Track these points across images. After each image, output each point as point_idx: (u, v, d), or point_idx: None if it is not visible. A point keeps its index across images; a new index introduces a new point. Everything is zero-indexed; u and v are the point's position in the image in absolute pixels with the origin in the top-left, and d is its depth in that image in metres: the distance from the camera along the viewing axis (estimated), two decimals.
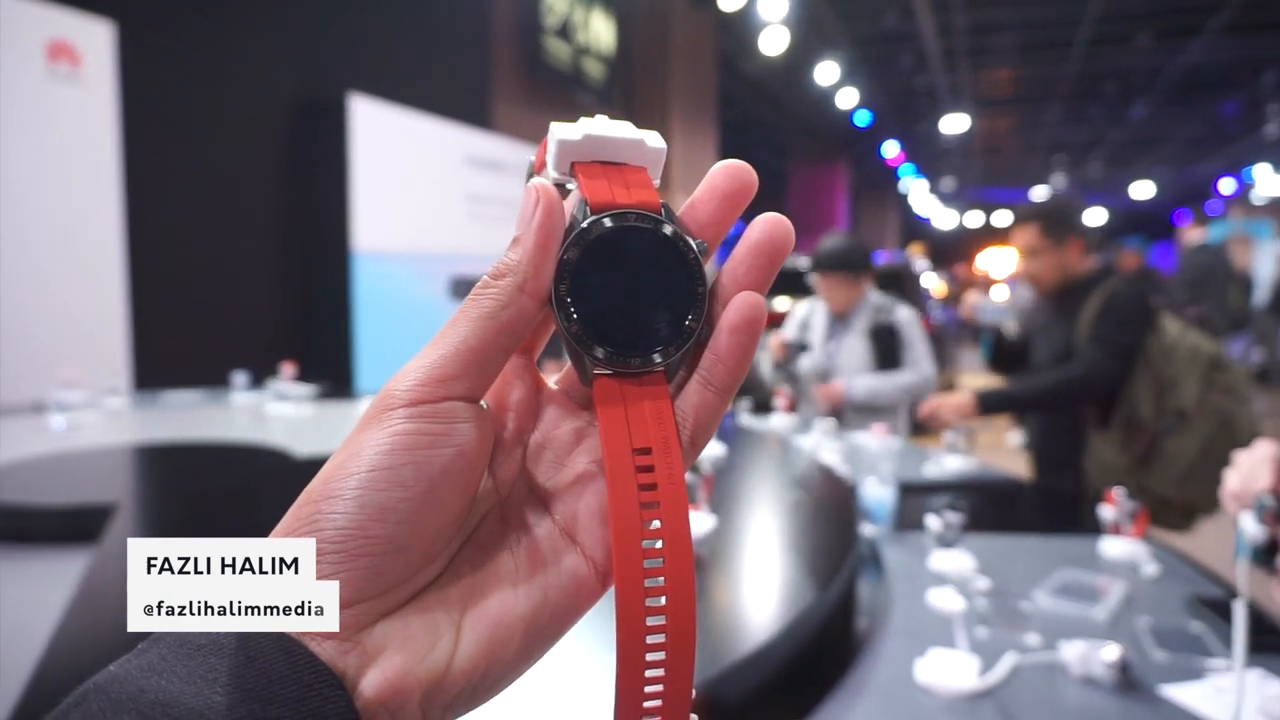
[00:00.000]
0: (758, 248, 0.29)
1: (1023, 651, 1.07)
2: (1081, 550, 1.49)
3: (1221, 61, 9.10)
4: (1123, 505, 1.48)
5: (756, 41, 7.48)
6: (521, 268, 0.28)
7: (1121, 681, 0.99)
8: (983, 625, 1.16)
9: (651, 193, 0.29)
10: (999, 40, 8.69)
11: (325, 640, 0.25)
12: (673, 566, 0.26)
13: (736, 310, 0.28)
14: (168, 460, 2.07)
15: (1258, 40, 8.36)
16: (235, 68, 4.15)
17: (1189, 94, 10.64)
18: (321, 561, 0.25)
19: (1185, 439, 2.02)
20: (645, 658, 0.26)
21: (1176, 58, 8.93)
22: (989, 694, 0.98)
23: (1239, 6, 7.17)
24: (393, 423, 0.26)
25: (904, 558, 1.45)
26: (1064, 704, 0.97)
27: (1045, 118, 12.37)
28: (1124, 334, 2.11)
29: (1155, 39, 8.30)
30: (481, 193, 5.48)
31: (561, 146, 0.29)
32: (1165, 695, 0.98)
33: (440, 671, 0.26)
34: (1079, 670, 1.02)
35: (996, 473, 2.19)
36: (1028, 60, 9.53)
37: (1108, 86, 10.35)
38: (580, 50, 6.67)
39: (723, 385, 0.29)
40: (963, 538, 1.42)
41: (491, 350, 0.27)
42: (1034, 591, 1.28)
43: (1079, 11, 7.49)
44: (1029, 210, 2.33)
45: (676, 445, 0.27)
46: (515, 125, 6.18)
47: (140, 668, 0.23)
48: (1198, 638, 1.13)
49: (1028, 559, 1.44)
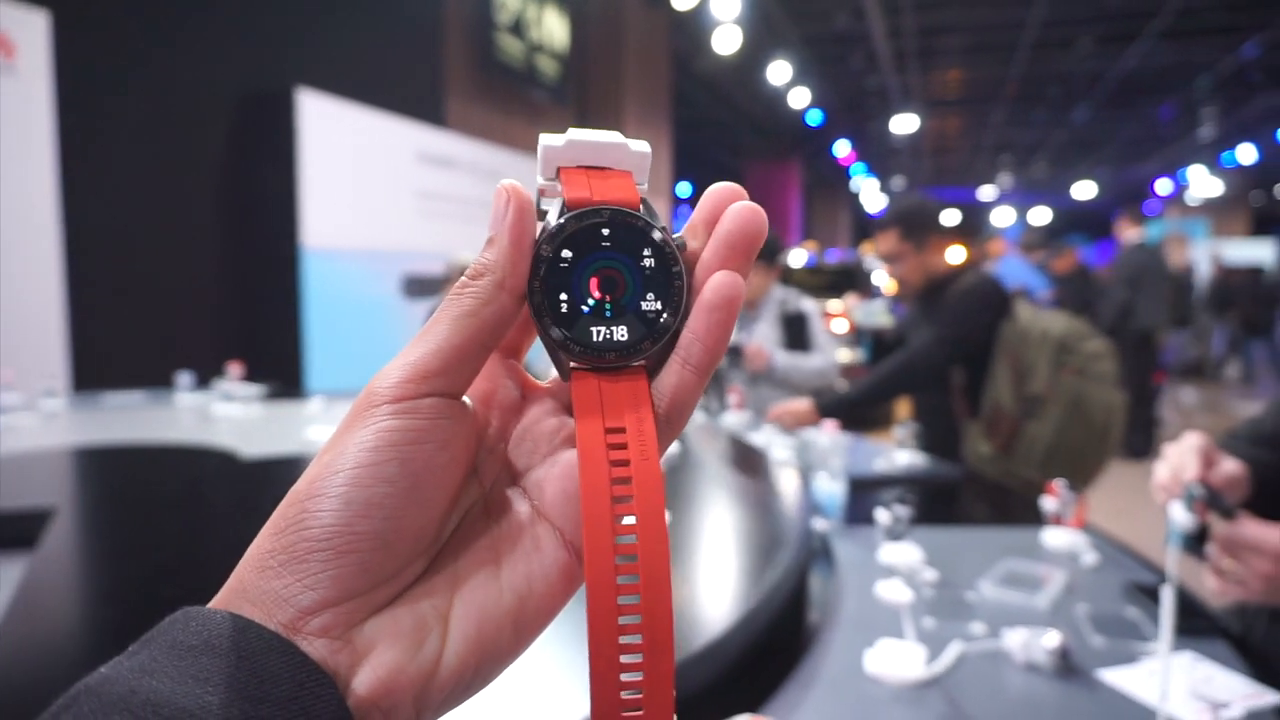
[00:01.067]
0: (730, 239, 0.29)
1: (968, 640, 1.10)
2: (1024, 541, 1.53)
3: (1158, 66, 9.38)
4: (1063, 497, 1.52)
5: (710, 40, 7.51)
6: (498, 265, 0.28)
7: (1061, 667, 1.03)
8: (930, 615, 1.18)
9: (629, 192, 0.30)
10: (947, 42, 8.85)
11: (317, 639, 0.25)
12: (646, 545, 0.26)
13: (713, 289, 0.28)
14: (108, 463, 2.02)
15: (1192, 46, 8.64)
16: (177, 59, 4.04)
17: (1127, 97, 10.95)
18: (309, 560, 0.25)
19: (1042, 423, 2.09)
20: (619, 640, 0.26)
21: (1116, 62, 9.18)
22: (935, 682, 1.00)
23: (1174, 13, 7.40)
24: (376, 420, 0.26)
25: (854, 551, 1.47)
26: (1007, 690, 1.00)
27: (992, 119, 12.63)
28: (956, 322, 2.18)
29: (1096, 44, 8.52)
30: (433, 189, 5.43)
31: (546, 153, 0.30)
32: (1102, 679, 1.01)
33: (431, 667, 0.26)
34: (1021, 657, 1.05)
35: (944, 466, 2.24)
36: (975, 62, 9.72)
37: (1051, 89, 10.61)
38: (533, 47, 6.63)
39: (700, 364, 0.29)
40: (911, 530, 1.45)
41: (472, 347, 0.28)
42: (979, 582, 1.31)
43: (1023, 16, 7.66)
44: (888, 215, 2.36)
45: (651, 426, 0.28)
46: (467, 122, 6.13)
47: (131, 669, 0.23)
48: (1133, 623, 1.17)
49: (973, 550, 1.48)
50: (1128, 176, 17.61)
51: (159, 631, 0.25)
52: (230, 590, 0.26)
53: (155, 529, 1.49)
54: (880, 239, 2.35)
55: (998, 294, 2.25)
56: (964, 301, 2.21)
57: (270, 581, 0.25)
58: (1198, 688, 0.94)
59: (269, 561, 0.26)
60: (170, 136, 4.02)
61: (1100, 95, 10.73)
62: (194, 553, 1.35)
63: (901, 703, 0.96)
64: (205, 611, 0.25)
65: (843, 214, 19.19)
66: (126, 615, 1.08)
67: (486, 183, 6.02)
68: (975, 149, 15.71)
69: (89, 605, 1.19)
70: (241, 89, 4.40)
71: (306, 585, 0.25)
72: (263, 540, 0.26)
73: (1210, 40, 8.45)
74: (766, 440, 2.28)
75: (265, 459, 2.02)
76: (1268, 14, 7.50)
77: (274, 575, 0.25)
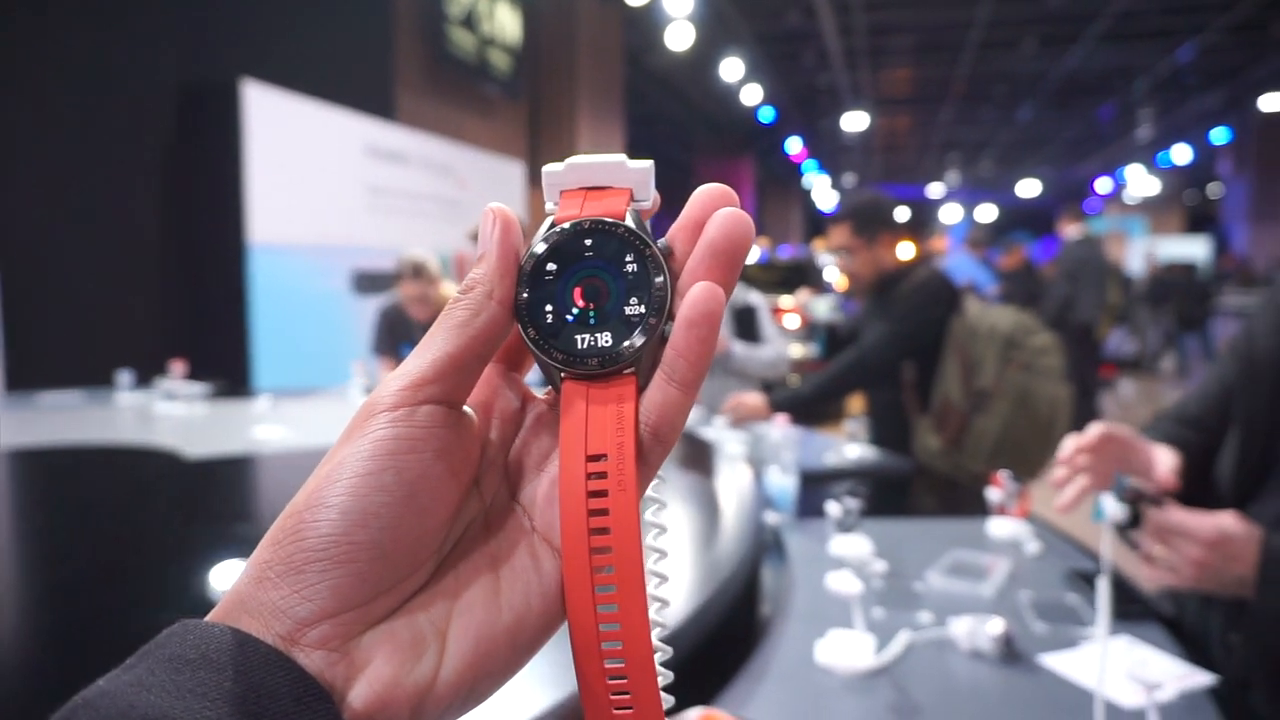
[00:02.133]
0: (716, 248, 0.29)
1: (916, 629, 1.12)
2: (971, 532, 1.57)
3: (1098, 68, 9.65)
4: (1008, 488, 1.56)
5: (662, 37, 7.52)
6: (487, 278, 0.29)
7: (1005, 653, 1.05)
8: (880, 606, 1.20)
9: (617, 205, 0.30)
10: (897, 41, 8.99)
11: (315, 651, 0.25)
12: (622, 572, 0.27)
13: (691, 304, 0.28)
14: (45, 465, 1.96)
15: (1130, 49, 8.90)
16: (114, 48, 3.92)
17: (1069, 98, 11.25)
18: (307, 570, 0.25)
19: (989, 417, 2.15)
20: (604, 663, 0.26)
21: (1058, 63, 9.42)
22: (884, 671, 1.02)
23: (1113, 17, 7.61)
24: (374, 430, 0.27)
25: (806, 544, 1.49)
26: (953, 676, 1.02)
27: (940, 117, 12.86)
28: (908, 318, 2.23)
29: (1039, 45, 8.73)
30: (384, 184, 5.36)
31: (549, 179, 0.31)
32: (1043, 664, 1.04)
33: (427, 683, 0.26)
34: (967, 644, 1.07)
35: (895, 459, 2.28)
36: (923, 61, 9.89)
37: (997, 89, 10.85)
38: (486, 41, 6.57)
39: (684, 380, 0.29)
40: (861, 523, 1.47)
41: (467, 356, 0.28)
42: (927, 572, 1.33)
43: (970, 16, 7.82)
44: (841, 210, 2.41)
45: (632, 452, 0.28)
46: (419, 116, 6.05)
47: (129, 683, 0.23)
48: (1073, 609, 1.20)
49: (922, 541, 1.51)
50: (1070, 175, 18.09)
51: (156, 644, 0.25)
52: (228, 602, 0.26)
53: (95, 532, 1.45)
54: (833, 233, 2.38)
55: (948, 289, 2.29)
56: (915, 297, 2.25)
57: (268, 593, 0.25)
58: (1133, 670, 0.97)
59: (267, 573, 0.25)
60: (109, 128, 3.91)
61: (1043, 95, 11.00)
62: (136, 556, 1.31)
63: (851, 692, 0.98)
64: (203, 624, 0.25)
65: (795, 210, 19.38)
66: (66, 621, 1.05)
67: (439, 178, 5.95)
68: (924, 147, 15.99)
69: (27, 612, 1.15)
70: (183, 80, 4.29)
71: (304, 596, 0.25)
72: (261, 552, 0.26)
73: (1147, 44, 8.71)
74: (719, 435, 2.29)
75: (210, 459, 1.97)
76: (1202, 18, 7.76)
77: (271, 586, 0.25)
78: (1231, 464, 1.18)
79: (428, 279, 3.21)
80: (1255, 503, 1.14)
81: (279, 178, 4.45)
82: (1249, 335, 1.21)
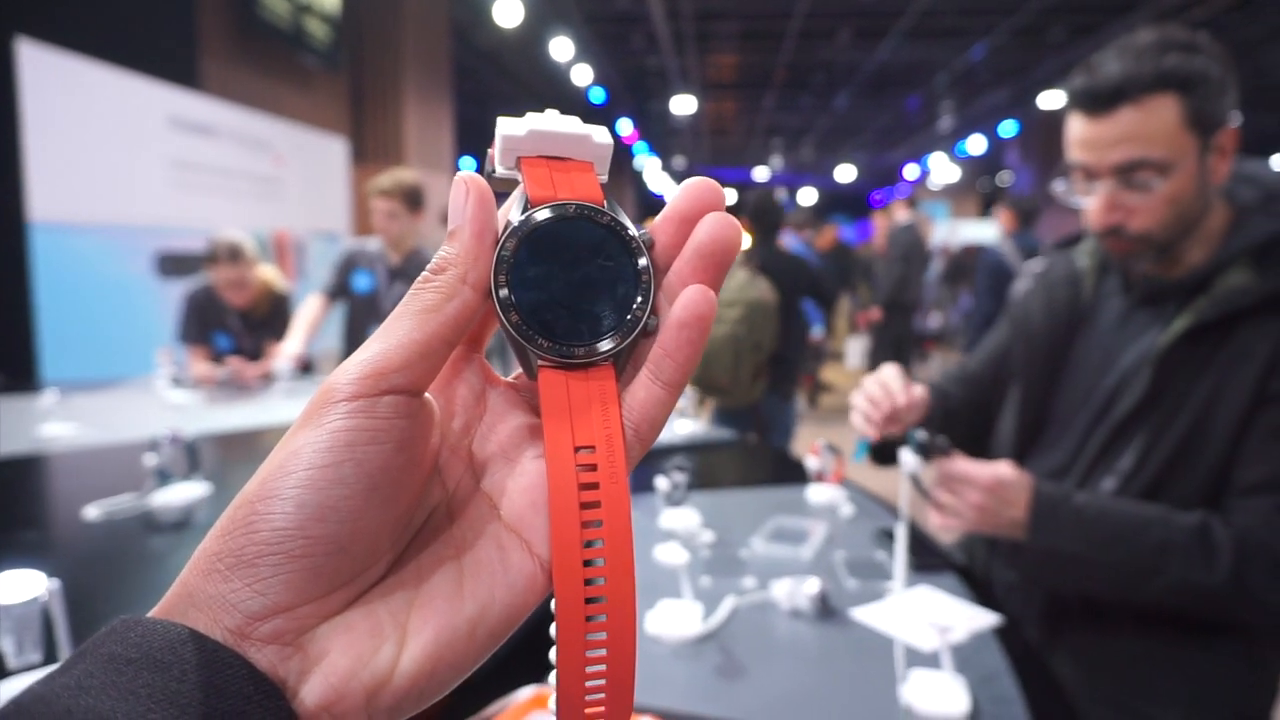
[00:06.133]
0: (704, 251, 0.28)
1: (740, 594, 1.18)
2: (791, 498, 1.66)
3: (904, 62, 10.33)
4: (824, 456, 1.67)
5: (490, 13, 7.37)
6: (461, 259, 0.27)
7: (821, 610, 1.13)
8: (707, 574, 1.26)
9: (593, 186, 0.29)
10: (722, 27, 9.24)
11: (267, 646, 0.24)
12: (613, 566, 0.26)
13: (683, 305, 0.28)
14: None
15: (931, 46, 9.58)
16: None
17: (880, 89, 11.98)
18: (259, 564, 0.24)
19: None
20: (585, 654, 0.26)
21: (870, 55, 10.00)
22: (711, 636, 1.07)
23: (917, 14, 8.16)
24: (332, 419, 0.25)
25: (636, 518, 1.53)
26: (774, 635, 1.08)
27: (764, 103, 13.36)
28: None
29: (853, 37, 9.24)
30: (191, 159, 4.96)
31: (505, 142, 0.29)
32: (854, 617, 1.12)
33: (385, 675, 0.25)
34: (787, 605, 1.14)
35: (721, 433, 2.37)
36: (747, 48, 10.23)
37: (815, 78, 11.39)
38: (301, 8, 6.19)
39: (671, 380, 0.28)
40: (690, 495, 1.53)
41: (435, 343, 0.26)
42: (751, 539, 1.40)
43: (790, 6, 8.15)
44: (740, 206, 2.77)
45: (620, 442, 0.27)
46: (227, 85, 5.63)
47: (67, 685, 0.21)
48: (880, 564, 1.31)
49: (747, 510, 1.58)
50: (881, 161, 19.30)
51: (94, 643, 0.23)
52: (175, 595, 0.24)
53: None
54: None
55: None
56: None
57: (217, 585, 0.24)
58: (930, 616, 1.07)
59: (216, 564, 0.24)
60: None
61: (857, 85, 11.66)
62: None
63: (680, 659, 1.02)
64: (145, 621, 0.23)
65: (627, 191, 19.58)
66: None
67: (252, 153, 5.58)
68: (750, 132, 16.57)
69: None
70: None
71: (256, 590, 0.24)
72: (209, 543, 0.25)
73: (945, 42, 9.41)
74: None
75: None
76: (990, 20, 8.46)
77: (221, 579, 0.24)
78: (1012, 423, 1.32)
79: (245, 262, 3.02)
80: (1031, 457, 1.28)
81: (63, 149, 4.02)
82: (1025, 311, 1.35)
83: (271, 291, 3.21)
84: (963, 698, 0.87)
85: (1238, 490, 1.05)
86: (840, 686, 0.95)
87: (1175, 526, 1.03)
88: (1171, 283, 1.13)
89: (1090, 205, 1.12)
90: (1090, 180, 1.11)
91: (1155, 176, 1.05)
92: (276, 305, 3.23)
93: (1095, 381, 1.21)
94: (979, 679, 0.95)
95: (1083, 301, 1.26)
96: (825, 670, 0.99)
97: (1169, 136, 1.04)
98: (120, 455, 1.94)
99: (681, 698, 0.93)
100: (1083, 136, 1.09)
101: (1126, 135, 1.05)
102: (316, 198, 6.43)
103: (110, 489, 1.59)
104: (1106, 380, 1.19)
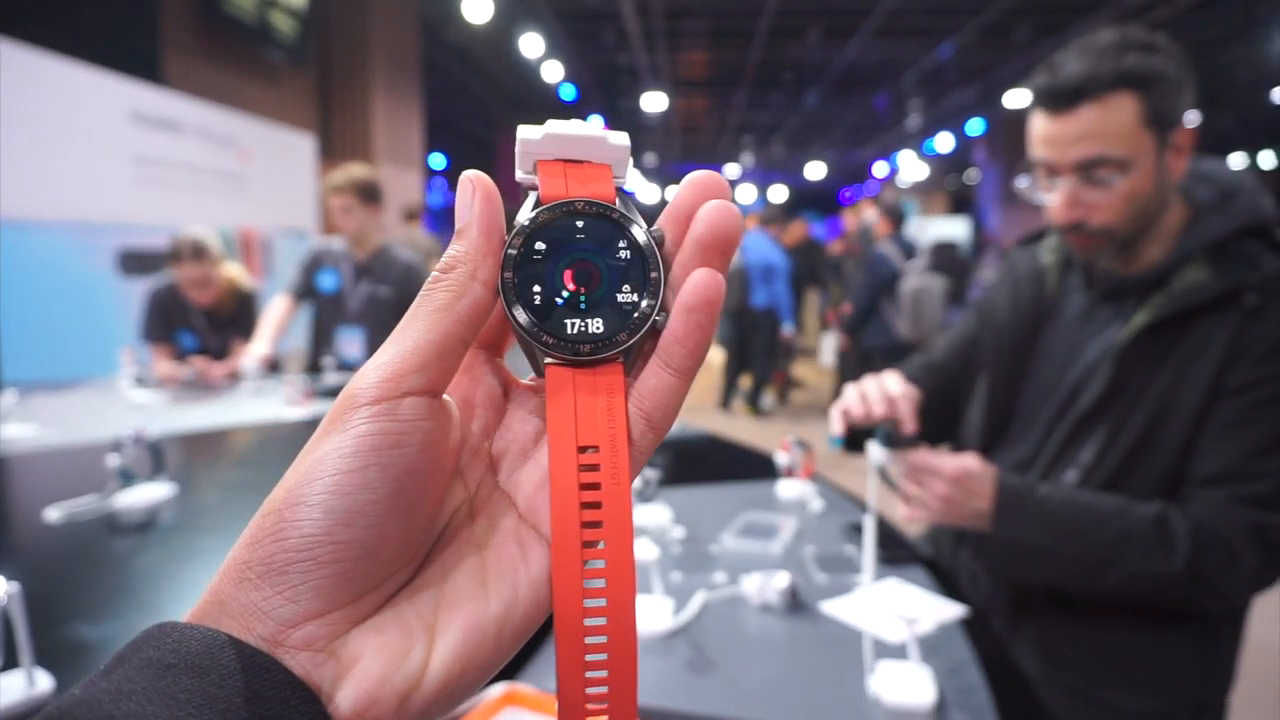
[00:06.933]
0: (704, 243, 0.28)
1: (711, 589, 1.19)
2: (761, 494, 1.67)
3: (873, 60, 10.41)
4: (794, 452, 1.68)
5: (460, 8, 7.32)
6: (470, 257, 0.27)
7: (791, 604, 1.14)
8: (678, 570, 1.26)
9: (605, 185, 0.29)
10: (692, 25, 9.25)
11: (300, 652, 0.24)
12: (614, 567, 0.26)
13: (691, 289, 0.27)
14: None
15: (900, 45, 9.67)
16: None
17: (849, 87, 12.07)
18: (289, 571, 0.24)
19: None
20: (585, 658, 0.26)
21: (840, 54, 10.07)
22: (682, 631, 1.08)
23: (885, 13, 8.24)
24: (355, 424, 0.25)
25: None
26: (744, 629, 1.09)
27: (734, 101, 13.40)
28: None
29: (823, 35, 9.30)
30: (153, 155, 4.87)
31: (523, 146, 0.29)
32: (823, 611, 1.13)
33: (416, 679, 0.25)
34: (757, 599, 1.15)
35: (692, 430, 2.38)
36: (718, 46, 10.25)
37: (785, 75, 11.45)
38: (267, 2, 6.11)
39: (681, 367, 0.28)
40: (660, 492, 1.53)
41: (450, 342, 0.26)
42: (722, 534, 1.41)
43: (760, 4, 8.18)
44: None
45: (625, 442, 0.27)
46: (191, 80, 5.54)
47: (107, 691, 0.21)
48: (849, 558, 1.32)
49: (717, 506, 1.59)
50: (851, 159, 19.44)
51: (132, 648, 0.23)
52: (207, 603, 0.24)
53: None
54: None
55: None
56: None
57: (249, 594, 0.24)
58: (898, 608, 1.08)
59: (247, 573, 0.24)
60: None
61: (827, 83, 11.73)
62: None
63: (651, 654, 1.02)
64: (182, 627, 0.24)
65: None
66: None
67: (218, 149, 5.50)
68: (721, 129, 16.61)
69: None
70: None
71: (287, 598, 0.24)
72: (239, 551, 0.25)
73: (913, 40, 9.50)
74: None
75: None
76: (957, 20, 8.56)
77: (252, 587, 0.24)
78: (979, 416, 1.34)
79: (210, 260, 2.98)
80: (998, 450, 1.30)
81: (22, 145, 3.93)
82: (991, 304, 1.37)
83: (237, 290, 3.16)
84: (930, 688, 0.89)
85: (1195, 481, 1.08)
86: (810, 679, 0.96)
87: (1135, 517, 1.06)
88: (1131, 279, 1.16)
89: (1052, 201, 1.14)
90: (1052, 177, 1.13)
91: (1115, 173, 1.07)
92: (242, 304, 3.19)
93: (1059, 376, 1.23)
94: (946, 669, 0.96)
95: (1047, 297, 1.29)
96: (795, 663, 1.00)
97: (1128, 134, 1.06)
98: (82, 456, 1.90)
99: (652, 693, 0.93)
100: (1045, 134, 1.11)
101: (1087, 133, 1.07)
102: (284, 195, 6.35)
103: (72, 490, 1.56)
104: (1069, 375, 1.21)
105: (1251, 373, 1.05)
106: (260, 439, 2.22)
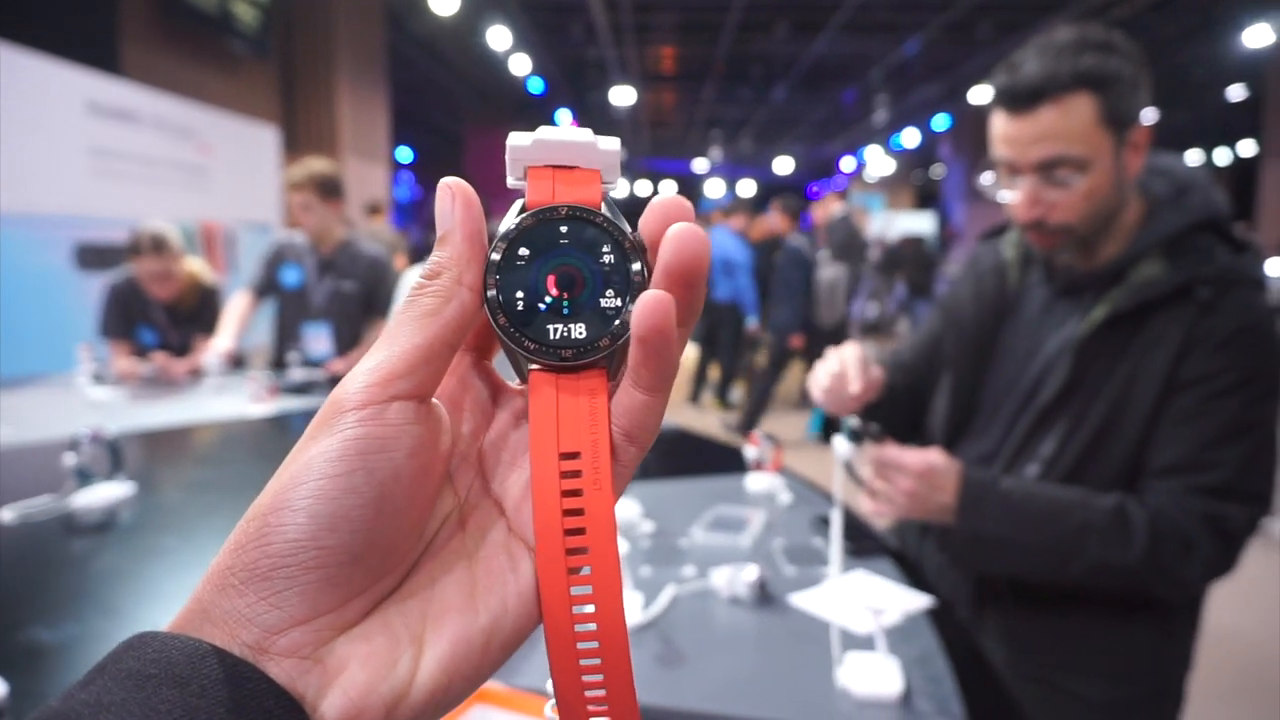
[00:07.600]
0: (668, 268, 0.27)
1: (680, 583, 1.19)
2: (730, 487, 1.68)
3: (840, 56, 10.48)
4: (763, 445, 1.69)
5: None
6: (454, 261, 0.27)
7: (759, 597, 1.14)
8: (647, 564, 1.27)
9: (591, 190, 0.29)
10: (661, 18, 9.25)
11: (285, 659, 0.23)
12: (599, 574, 0.26)
13: (637, 320, 0.26)
14: None
15: (866, 40, 9.74)
16: None
17: (817, 82, 12.14)
18: (273, 577, 0.23)
19: None
20: (579, 662, 0.26)
21: (808, 49, 10.13)
22: (652, 624, 1.08)
23: (852, 8, 8.29)
24: (342, 429, 0.25)
25: None
26: (714, 622, 1.10)
27: (703, 95, 13.42)
28: None
29: (791, 30, 9.34)
30: (111, 147, 4.77)
31: (513, 153, 0.29)
32: (792, 603, 1.14)
33: (403, 689, 0.25)
34: (726, 592, 1.15)
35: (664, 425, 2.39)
36: (686, 40, 10.26)
37: (753, 70, 11.48)
38: None
39: (650, 385, 0.28)
40: (629, 486, 1.53)
41: (437, 346, 0.26)
42: (691, 528, 1.42)
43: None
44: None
45: (606, 447, 0.27)
46: (150, 71, 5.43)
47: (86, 703, 0.21)
48: (818, 551, 1.33)
49: (687, 500, 1.59)
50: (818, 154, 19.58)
51: (112, 658, 0.23)
52: (189, 612, 0.24)
53: None
54: None
55: None
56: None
57: (232, 600, 0.23)
58: (865, 599, 1.10)
59: (230, 579, 0.24)
60: None
61: (795, 78, 11.79)
62: None
63: None
64: (163, 636, 0.23)
65: None
66: None
67: (177, 141, 5.39)
68: (689, 123, 16.63)
69: None
70: None
71: (271, 603, 0.23)
72: (223, 558, 0.24)
73: (880, 36, 9.58)
74: None
75: None
76: (923, 16, 8.64)
77: (236, 593, 0.24)
78: (943, 410, 1.35)
79: (170, 254, 2.92)
80: (962, 444, 1.32)
81: None
82: (955, 299, 1.38)
83: (199, 284, 3.11)
84: (897, 678, 0.90)
85: (1151, 472, 1.10)
86: (779, 671, 0.97)
87: (1094, 509, 1.08)
88: (1089, 274, 1.18)
89: (1013, 199, 1.15)
90: (1013, 175, 1.15)
91: (1074, 173, 1.09)
92: (204, 299, 3.13)
93: (1021, 370, 1.25)
94: (912, 660, 0.98)
95: (1009, 291, 1.31)
96: (764, 655, 1.01)
97: (1086, 134, 1.08)
98: (38, 455, 1.86)
99: None
100: (1005, 133, 1.13)
101: (1046, 133, 1.09)
102: (246, 188, 6.24)
103: (27, 490, 1.53)
104: (1031, 369, 1.23)
105: (1205, 365, 1.07)
106: (224, 436, 2.18)
